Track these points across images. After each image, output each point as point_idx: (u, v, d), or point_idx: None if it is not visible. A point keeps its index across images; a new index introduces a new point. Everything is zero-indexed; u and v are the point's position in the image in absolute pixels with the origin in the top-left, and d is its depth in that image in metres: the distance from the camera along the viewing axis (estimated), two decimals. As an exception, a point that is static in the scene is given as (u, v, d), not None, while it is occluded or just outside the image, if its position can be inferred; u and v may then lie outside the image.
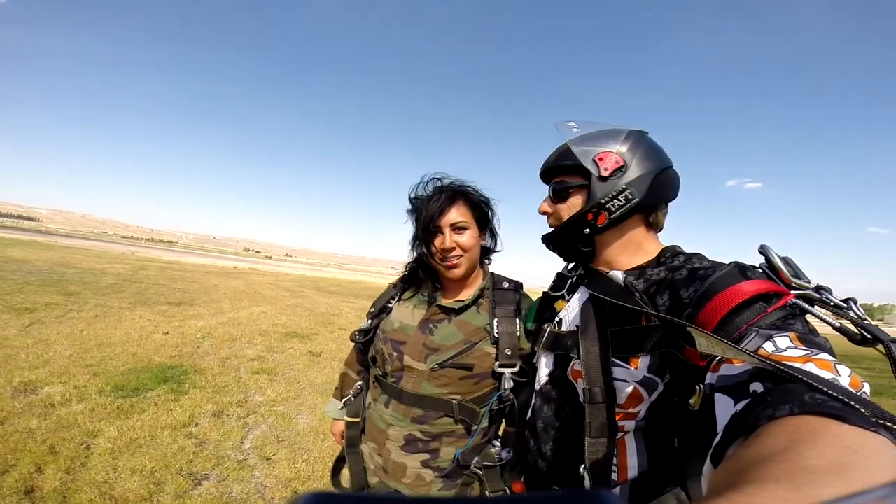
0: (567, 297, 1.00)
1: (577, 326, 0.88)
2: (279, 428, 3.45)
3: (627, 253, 0.89)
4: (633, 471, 0.77)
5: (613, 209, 0.84)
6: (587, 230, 0.89)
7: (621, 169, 0.84)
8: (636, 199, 0.83)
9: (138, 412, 3.27)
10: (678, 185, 0.90)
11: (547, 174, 0.97)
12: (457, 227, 1.17)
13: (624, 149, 0.86)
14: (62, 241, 38.42)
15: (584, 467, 0.77)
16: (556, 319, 0.98)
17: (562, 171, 0.93)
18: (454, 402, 1.15)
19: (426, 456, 1.16)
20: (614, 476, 0.77)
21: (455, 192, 1.20)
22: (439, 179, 1.24)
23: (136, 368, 4.29)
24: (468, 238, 1.18)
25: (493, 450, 1.16)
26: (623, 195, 0.84)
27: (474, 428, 1.16)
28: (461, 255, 1.18)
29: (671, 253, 0.85)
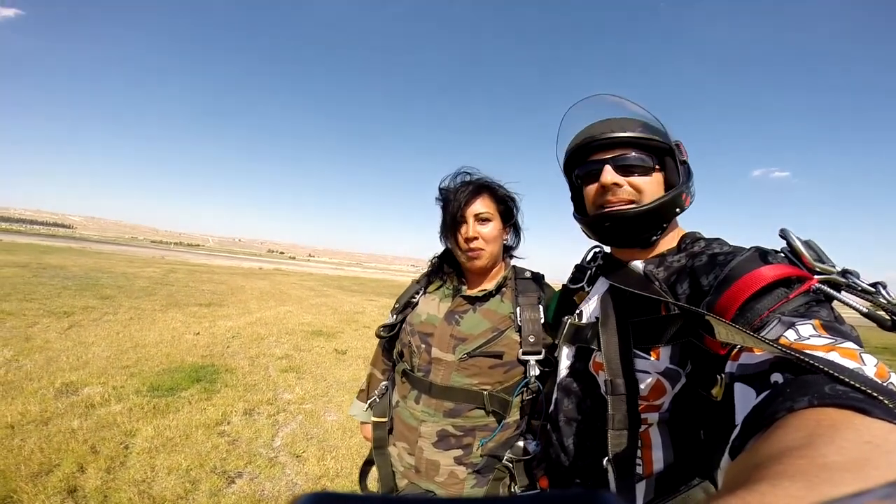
0: (587, 289, 1.00)
1: (596, 318, 0.87)
2: (308, 425, 3.50)
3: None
4: (658, 464, 0.75)
5: (691, 195, 0.86)
6: (678, 210, 0.84)
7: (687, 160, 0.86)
8: (693, 189, 0.86)
9: (173, 411, 3.36)
10: None
11: (612, 142, 0.84)
12: (480, 218, 1.20)
13: None
14: (95, 246, 39.97)
15: (608, 460, 0.75)
16: (577, 312, 0.97)
17: (636, 146, 0.83)
18: (485, 392, 1.14)
19: (459, 452, 1.16)
20: (639, 469, 0.75)
21: (481, 185, 1.22)
22: (468, 174, 1.27)
23: (170, 368, 4.41)
24: (491, 229, 1.20)
25: (521, 443, 1.14)
26: (692, 182, 0.85)
27: (506, 420, 1.15)
28: (483, 247, 1.19)
29: (691, 239, 0.84)
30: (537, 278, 1.29)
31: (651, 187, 0.83)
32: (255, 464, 2.75)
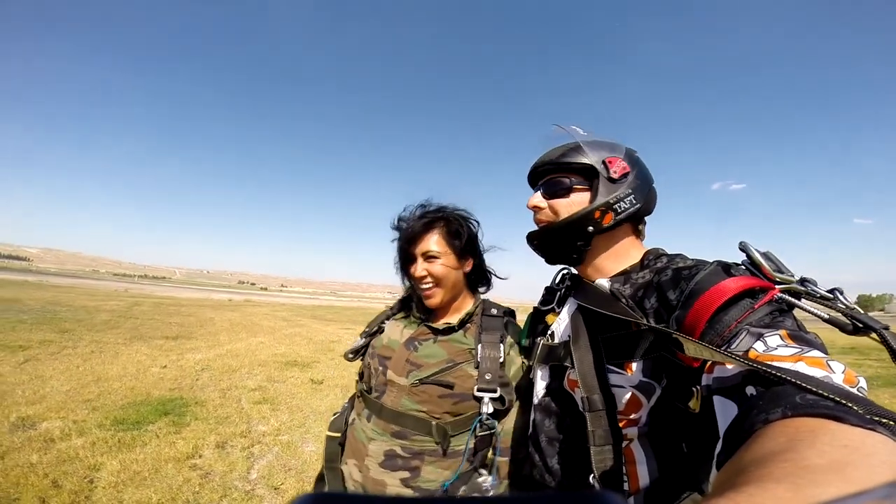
0: (557, 310, 1.01)
1: (568, 336, 0.88)
2: (285, 457, 3.36)
3: (614, 259, 0.90)
4: (644, 479, 0.75)
5: (619, 210, 0.85)
6: (591, 228, 0.87)
7: (626, 175, 0.86)
8: (638, 205, 0.86)
9: (140, 445, 3.18)
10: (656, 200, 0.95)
11: (544, 169, 0.94)
12: (428, 256, 1.16)
13: (626, 160, 0.88)
14: (53, 280, 38.03)
15: (594, 477, 0.74)
16: (549, 332, 0.98)
17: (564, 168, 0.91)
18: (433, 422, 1.11)
19: (406, 474, 1.11)
20: (625, 486, 0.74)
21: (432, 220, 1.18)
22: (423, 206, 1.23)
23: (135, 402, 4.19)
24: (439, 267, 1.17)
25: (479, 479, 1.09)
26: (629, 199, 0.85)
27: (449, 450, 1.10)
28: (433, 285, 1.17)
29: (654, 255, 0.86)
30: (504, 315, 1.25)
31: (566, 208, 0.89)
32: (231, 497, 2.62)
